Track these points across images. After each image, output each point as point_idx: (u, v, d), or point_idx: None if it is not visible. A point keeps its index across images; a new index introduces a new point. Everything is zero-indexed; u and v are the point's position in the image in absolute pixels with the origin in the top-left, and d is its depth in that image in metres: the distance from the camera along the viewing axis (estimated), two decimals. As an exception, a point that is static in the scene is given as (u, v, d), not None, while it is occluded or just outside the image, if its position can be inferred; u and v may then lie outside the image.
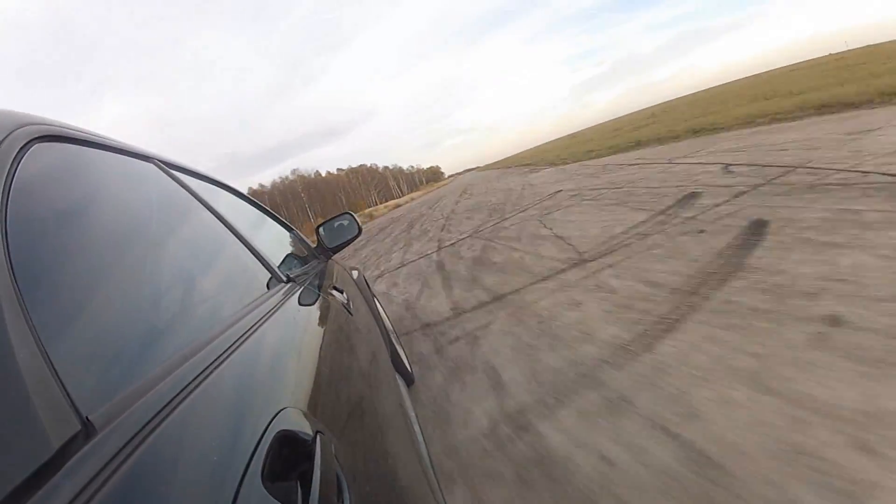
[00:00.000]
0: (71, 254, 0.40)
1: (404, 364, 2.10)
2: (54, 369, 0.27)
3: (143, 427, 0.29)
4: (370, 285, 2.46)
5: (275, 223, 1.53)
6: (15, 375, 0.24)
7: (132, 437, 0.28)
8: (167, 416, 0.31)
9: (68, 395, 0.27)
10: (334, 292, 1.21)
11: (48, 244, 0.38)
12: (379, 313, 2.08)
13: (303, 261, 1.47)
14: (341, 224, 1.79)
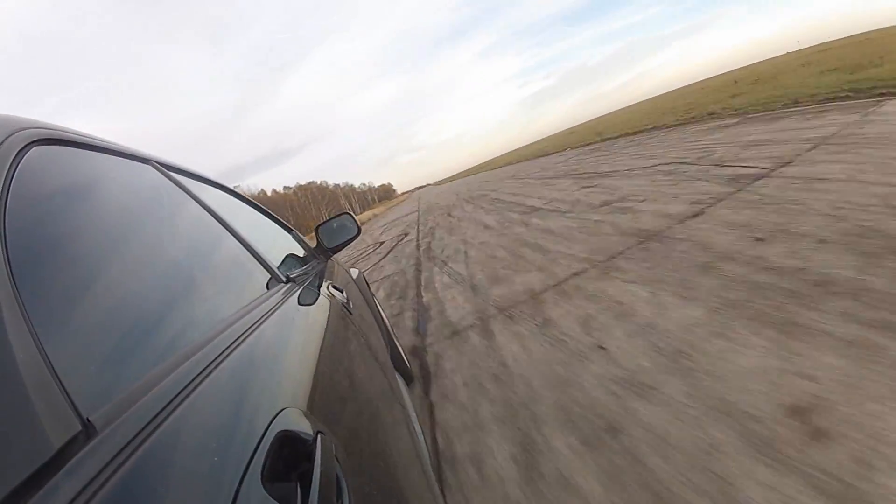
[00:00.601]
0: (70, 256, 0.41)
1: (404, 362, 2.10)
2: (54, 370, 0.27)
3: (144, 427, 0.29)
4: (369, 285, 2.47)
5: (274, 224, 1.53)
6: (15, 377, 0.25)
7: (132, 438, 0.28)
8: (168, 416, 0.31)
9: (68, 396, 0.27)
10: (334, 292, 1.21)
11: (47, 246, 0.38)
12: (378, 312, 2.09)
13: (302, 261, 1.47)
14: (340, 224, 1.79)
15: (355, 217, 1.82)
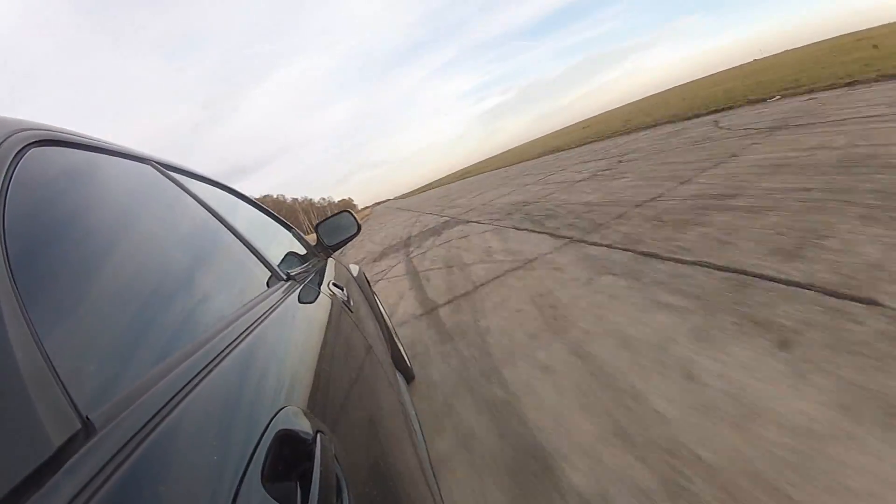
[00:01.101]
0: (70, 256, 0.41)
1: (404, 360, 2.10)
2: (54, 369, 0.28)
3: (144, 426, 0.29)
4: (370, 282, 2.47)
5: (274, 222, 1.53)
6: (15, 375, 0.25)
7: (132, 437, 0.28)
8: (167, 415, 0.32)
9: (68, 394, 0.27)
10: (334, 289, 1.21)
11: (47, 247, 0.39)
12: (378, 309, 2.09)
13: (302, 259, 1.47)
14: (340, 222, 1.79)
15: (354, 215, 1.82)
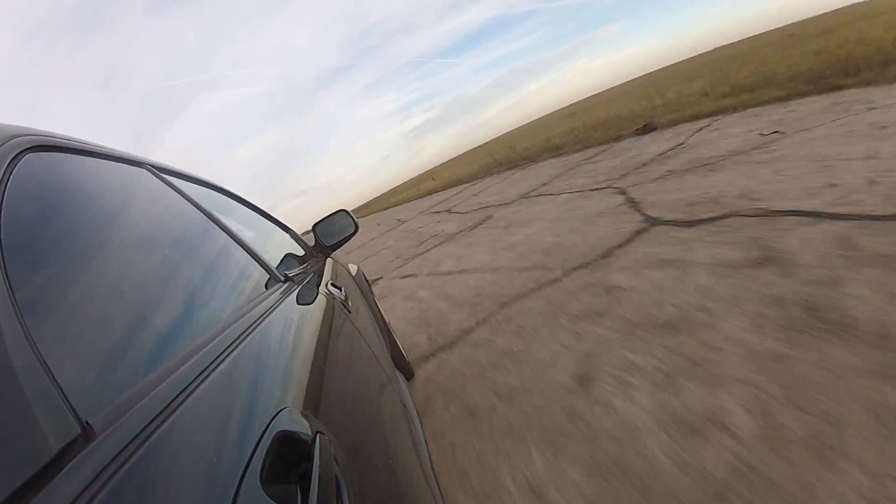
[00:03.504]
0: (67, 261, 0.41)
1: (404, 359, 2.11)
2: (52, 374, 0.28)
3: (142, 430, 0.29)
4: (369, 281, 2.47)
5: (271, 223, 1.53)
6: (14, 381, 0.25)
7: (131, 441, 0.28)
8: (166, 418, 0.32)
9: (67, 399, 0.27)
10: (333, 290, 1.21)
11: (44, 252, 0.39)
12: (377, 308, 2.09)
13: (300, 260, 1.47)
14: (338, 222, 1.78)
15: (352, 214, 1.81)
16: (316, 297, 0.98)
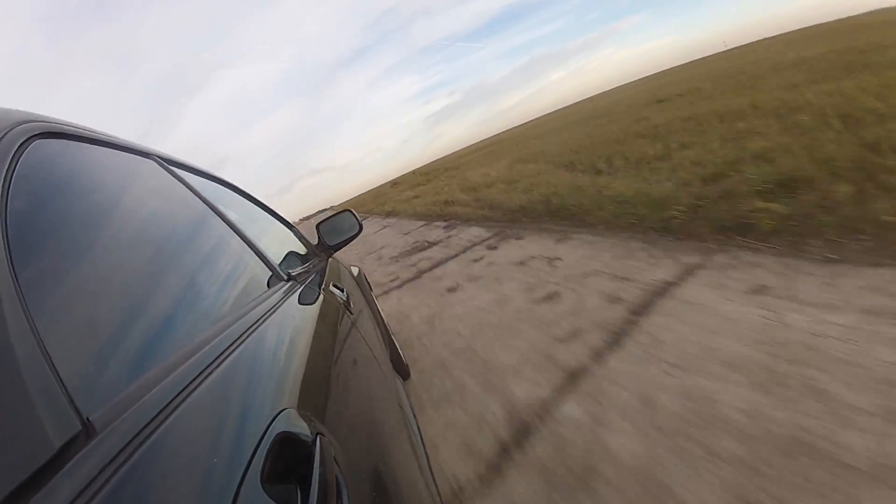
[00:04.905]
0: (71, 251, 0.40)
1: (401, 359, 2.10)
2: (55, 369, 0.27)
3: (144, 428, 0.29)
4: (369, 282, 2.46)
5: (276, 220, 1.52)
6: (16, 376, 0.24)
7: (132, 438, 0.28)
8: (168, 416, 0.31)
9: (69, 395, 0.27)
10: (335, 290, 1.21)
11: (48, 242, 0.38)
12: (377, 310, 2.08)
13: (303, 259, 1.47)
14: (342, 222, 1.78)
15: (356, 215, 1.80)
16: (318, 298, 0.98)
